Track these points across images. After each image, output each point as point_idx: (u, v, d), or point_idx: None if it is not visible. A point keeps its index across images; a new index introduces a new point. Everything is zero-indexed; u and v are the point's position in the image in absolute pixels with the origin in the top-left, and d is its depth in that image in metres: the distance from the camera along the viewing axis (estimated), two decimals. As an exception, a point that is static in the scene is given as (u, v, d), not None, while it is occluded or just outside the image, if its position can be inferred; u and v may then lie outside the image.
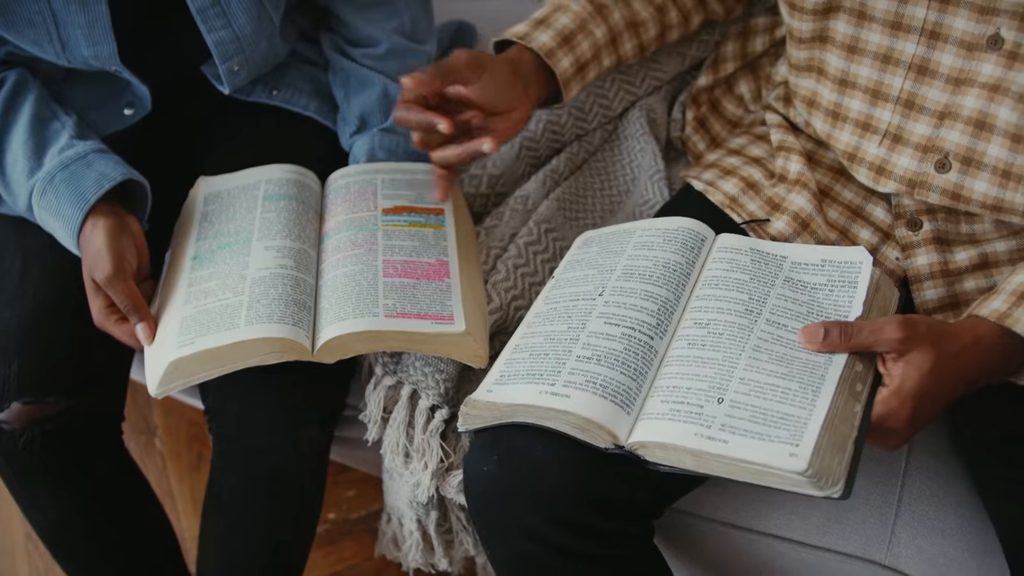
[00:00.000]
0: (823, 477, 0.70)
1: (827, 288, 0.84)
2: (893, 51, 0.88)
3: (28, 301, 0.99)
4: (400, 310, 0.91)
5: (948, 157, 0.88)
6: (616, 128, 1.23)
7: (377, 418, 1.00)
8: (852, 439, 0.73)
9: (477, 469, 0.84)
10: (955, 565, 0.89)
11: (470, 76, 0.95)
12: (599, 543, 0.82)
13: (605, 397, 0.79)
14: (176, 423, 1.62)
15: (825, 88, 0.96)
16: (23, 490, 1.02)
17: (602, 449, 0.78)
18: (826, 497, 0.71)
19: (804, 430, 0.72)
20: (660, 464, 0.77)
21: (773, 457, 0.71)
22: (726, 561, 1.00)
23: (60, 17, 0.96)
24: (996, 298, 0.81)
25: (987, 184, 0.87)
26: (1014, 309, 0.79)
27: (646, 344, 0.83)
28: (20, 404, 0.96)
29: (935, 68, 0.86)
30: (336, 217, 1.03)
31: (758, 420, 0.74)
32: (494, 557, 0.87)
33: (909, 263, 0.94)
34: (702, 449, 0.74)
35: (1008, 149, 0.85)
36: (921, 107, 0.88)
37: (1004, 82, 0.83)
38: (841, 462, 0.72)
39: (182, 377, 0.89)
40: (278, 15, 1.06)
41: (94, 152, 0.98)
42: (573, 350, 0.84)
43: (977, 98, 0.85)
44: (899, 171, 0.91)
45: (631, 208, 1.15)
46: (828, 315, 0.82)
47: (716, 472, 0.74)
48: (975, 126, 0.86)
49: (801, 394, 0.75)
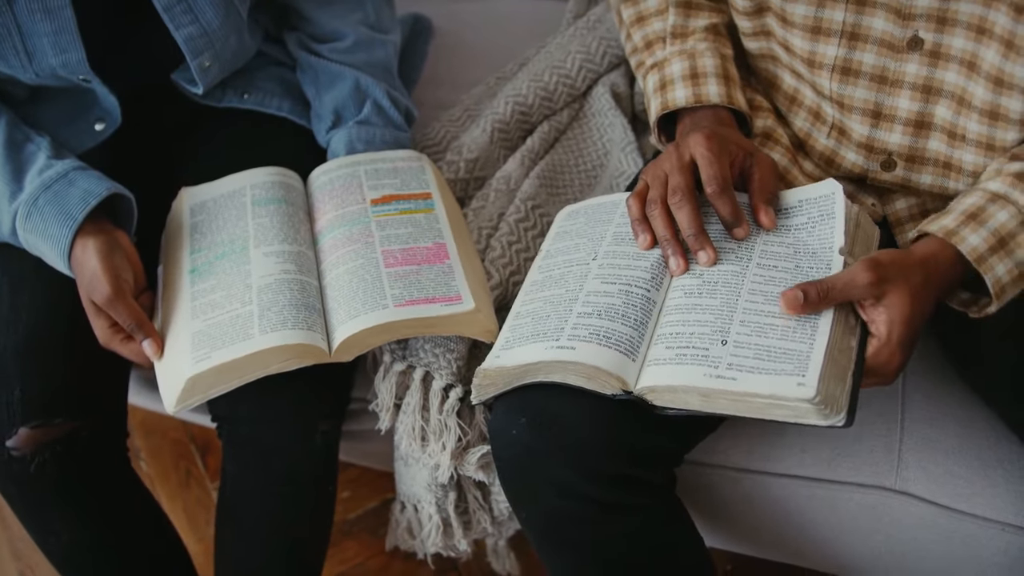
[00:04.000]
0: (828, 405, 0.74)
1: (808, 226, 0.86)
2: (815, 53, 0.92)
3: (23, 325, 0.97)
4: (408, 298, 0.92)
5: (892, 156, 0.93)
6: (582, 106, 1.26)
7: (390, 405, 1.01)
8: (851, 371, 0.77)
9: (506, 435, 0.86)
10: (961, 482, 0.94)
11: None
12: (630, 492, 0.85)
13: (609, 347, 0.82)
14: (159, 443, 1.60)
15: (784, 73, 0.99)
16: (37, 516, 1.00)
17: (610, 396, 0.81)
18: (830, 426, 0.74)
19: (808, 362, 0.75)
20: (668, 407, 0.80)
21: (781, 388, 0.74)
22: (740, 506, 1.04)
23: (25, 27, 0.94)
24: (947, 216, 0.84)
25: (931, 176, 0.93)
26: (962, 228, 0.82)
27: (644, 296, 0.86)
28: (28, 429, 0.94)
29: (857, 68, 0.90)
30: (326, 215, 1.03)
31: (763, 357, 0.77)
32: (529, 520, 0.89)
33: (888, 208, 0.99)
34: (712, 387, 0.77)
35: (946, 144, 0.90)
36: (851, 106, 0.92)
37: (934, 82, 0.88)
38: (843, 391, 0.75)
39: (200, 392, 0.89)
40: (245, 8, 1.06)
41: (75, 170, 0.96)
42: (574, 308, 0.87)
43: (911, 100, 0.89)
44: (847, 164, 0.96)
45: (608, 180, 1.18)
46: (815, 251, 0.83)
47: (723, 410, 0.77)
48: (914, 127, 0.91)
49: (800, 330, 0.78)
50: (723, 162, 0.86)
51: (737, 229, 0.86)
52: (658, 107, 1.00)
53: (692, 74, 0.99)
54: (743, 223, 0.85)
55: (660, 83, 1.01)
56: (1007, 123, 0.85)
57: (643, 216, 0.89)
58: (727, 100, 0.97)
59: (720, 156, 0.86)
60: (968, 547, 0.96)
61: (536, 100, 1.23)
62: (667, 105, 0.99)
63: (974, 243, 0.81)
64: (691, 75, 0.99)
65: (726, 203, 0.85)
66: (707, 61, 0.99)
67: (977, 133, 0.87)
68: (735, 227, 0.85)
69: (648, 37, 1.05)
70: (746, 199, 0.89)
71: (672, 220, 0.86)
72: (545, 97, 1.24)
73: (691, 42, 1.01)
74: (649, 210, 0.88)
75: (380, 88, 1.13)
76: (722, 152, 0.87)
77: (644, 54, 1.05)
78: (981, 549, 0.95)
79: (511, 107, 1.22)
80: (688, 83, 0.98)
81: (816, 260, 0.83)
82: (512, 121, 1.22)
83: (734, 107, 0.98)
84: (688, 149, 0.88)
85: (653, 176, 0.89)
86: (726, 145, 0.88)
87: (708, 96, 0.97)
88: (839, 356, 0.77)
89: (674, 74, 0.99)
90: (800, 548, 1.06)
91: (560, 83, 1.24)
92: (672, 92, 0.99)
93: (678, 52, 1.01)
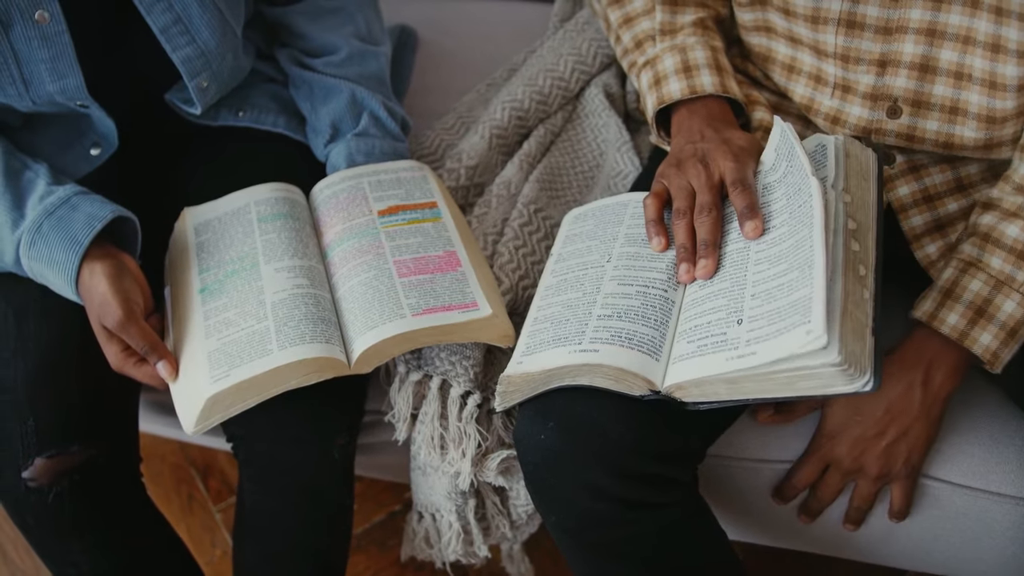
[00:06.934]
0: (851, 363, 0.70)
1: (787, 172, 0.85)
2: (819, 10, 0.93)
3: (31, 354, 0.96)
4: (425, 307, 0.92)
5: (898, 103, 0.94)
6: (576, 107, 1.27)
7: (407, 416, 1.01)
8: (870, 328, 0.74)
9: (533, 440, 0.86)
10: (974, 460, 0.96)
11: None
12: (658, 490, 0.86)
13: (632, 348, 0.82)
14: (159, 468, 1.58)
15: (779, 44, 1.01)
16: (56, 548, 0.98)
17: (638, 397, 0.81)
18: (856, 392, 0.71)
19: (811, 305, 0.72)
20: (699, 403, 0.80)
21: (793, 344, 0.71)
22: (755, 497, 1.05)
23: (22, 55, 0.93)
24: (926, 301, 0.91)
25: (937, 123, 0.94)
26: (940, 310, 0.89)
27: (662, 297, 0.86)
28: (44, 459, 0.93)
29: (862, 21, 0.91)
30: (333, 228, 1.03)
31: (775, 321, 0.75)
32: (558, 524, 0.90)
33: (892, 195, 1.01)
34: (734, 369, 0.75)
35: (952, 87, 0.92)
36: (857, 59, 0.94)
37: (937, 25, 0.89)
38: (864, 350, 0.72)
39: (220, 411, 0.89)
40: (240, 27, 1.05)
41: (77, 195, 0.95)
42: (593, 311, 0.87)
43: (915, 44, 0.91)
44: (852, 120, 0.97)
45: (605, 180, 1.19)
46: (799, 187, 0.82)
47: (752, 394, 0.77)
48: (919, 70, 0.92)
49: (800, 278, 0.75)
50: (748, 171, 0.88)
51: (749, 223, 0.85)
52: (654, 103, 1.01)
53: (684, 67, 1.00)
54: (757, 217, 0.85)
55: (654, 79, 1.02)
56: (1006, 55, 0.86)
57: (659, 218, 0.90)
58: (721, 89, 0.99)
59: (747, 167, 0.88)
60: (983, 523, 0.98)
61: (532, 104, 1.24)
62: (663, 100, 1.00)
63: (953, 322, 0.88)
64: (684, 68, 1.00)
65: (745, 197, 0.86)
66: (698, 54, 1.00)
67: (981, 70, 0.89)
68: (749, 220, 0.85)
69: (637, 37, 1.06)
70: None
71: (694, 232, 0.87)
72: (540, 101, 1.25)
73: (680, 37, 1.02)
74: (675, 218, 0.89)
75: (376, 99, 1.13)
76: (747, 166, 0.89)
77: (635, 53, 1.06)
78: (996, 524, 0.97)
79: (508, 112, 1.23)
80: (681, 76, 1.00)
81: (801, 195, 0.81)
82: (510, 126, 1.23)
83: (728, 95, 0.99)
84: (717, 168, 0.89)
85: (678, 187, 0.90)
86: (749, 162, 0.90)
87: (703, 87, 0.99)
88: (855, 310, 0.74)
89: (667, 69, 1.01)
90: (816, 535, 1.08)
91: (554, 86, 1.25)
92: (667, 86, 1.00)
93: (668, 47, 1.02)
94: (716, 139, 0.93)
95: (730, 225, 0.87)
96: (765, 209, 0.85)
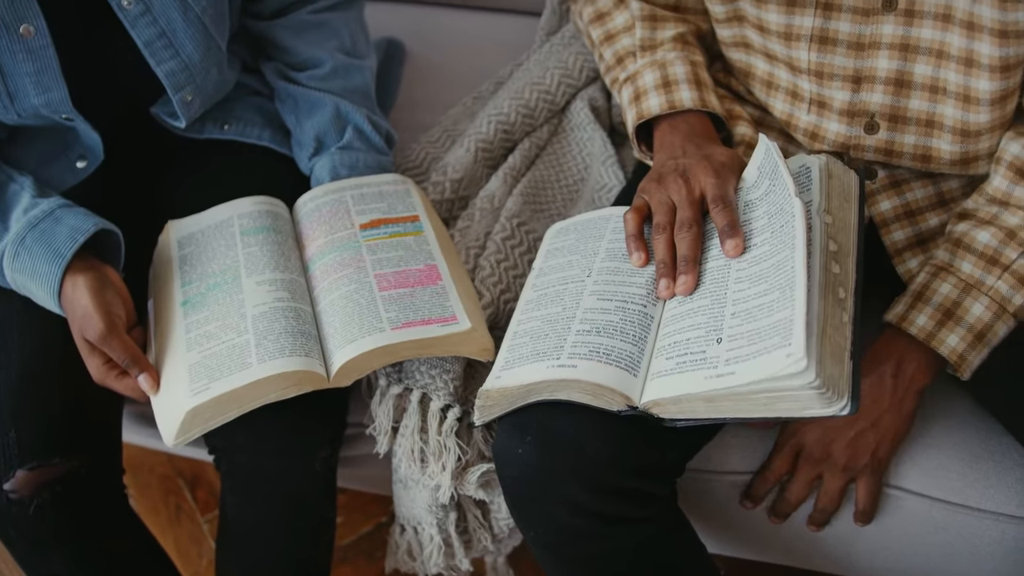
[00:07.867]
0: (829, 387, 0.70)
1: (769, 190, 0.85)
2: (792, 27, 0.94)
3: (13, 366, 0.97)
4: (405, 320, 0.93)
5: (875, 118, 0.95)
6: (561, 121, 1.28)
7: (387, 429, 1.01)
8: (848, 351, 0.74)
9: (511, 454, 0.86)
10: (954, 475, 0.96)
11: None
12: (636, 505, 0.86)
13: (610, 363, 0.83)
14: (147, 479, 1.59)
15: (758, 60, 1.02)
16: (38, 559, 0.99)
17: (615, 412, 0.82)
18: (834, 415, 0.72)
19: (792, 327, 0.72)
20: (676, 419, 0.80)
21: (773, 366, 0.71)
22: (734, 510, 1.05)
23: (7, 68, 0.93)
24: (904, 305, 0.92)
25: (915, 136, 0.95)
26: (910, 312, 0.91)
27: (641, 312, 0.87)
28: (25, 471, 0.93)
29: (834, 37, 0.92)
30: (316, 241, 1.03)
31: (755, 341, 0.74)
32: (537, 539, 0.90)
33: (874, 209, 1.01)
34: (713, 388, 0.75)
35: (928, 100, 0.92)
36: (831, 75, 0.94)
37: (910, 40, 0.90)
38: (842, 373, 0.72)
39: (200, 424, 0.89)
40: (224, 41, 1.06)
41: (61, 207, 0.96)
42: (572, 326, 0.87)
43: (890, 59, 0.91)
44: (831, 136, 0.98)
45: (589, 194, 1.19)
46: (781, 207, 0.81)
47: (730, 413, 0.76)
48: (895, 85, 0.93)
49: (781, 299, 0.75)
50: (730, 187, 0.89)
51: (730, 240, 0.85)
52: (634, 118, 1.02)
53: (664, 83, 1.01)
54: (738, 235, 0.85)
55: (634, 95, 1.03)
56: (979, 69, 0.87)
57: (639, 233, 0.91)
58: (700, 104, 1.00)
59: (728, 183, 0.89)
60: (963, 538, 0.98)
61: (518, 118, 1.24)
62: (642, 115, 1.01)
63: (921, 323, 0.89)
64: (663, 83, 1.01)
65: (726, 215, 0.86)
66: (678, 69, 1.01)
67: (956, 84, 0.90)
68: (730, 238, 0.84)
69: (619, 53, 1.07)
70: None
71: (673, 247, 0.88)
72: (527, 115, 1.25)
73: (660, 53, 1.03)
74: (655, 233, 0.89)
75: (360, 113, 1.13)
76: (728, 182, 0.89)
77: (617, 70, 1.07)
78: (976, 540, 0.97)
79: (494, 126, 1.23)
80: (661, 91, 1.00)
81: (784, 215, 0.81)
82: (495, 140, 1.23)
83: (709, 110, 1.00)
84: (698, 184, 0.89)
85: (659, 202, 0.90)
86: (730, 178, 0.90)
87: (681, 102, 0.99)
88: (834, 333, 0.74)
89: (647, 84, 1.01)
90: (795, 548, 1.08)
91: (540, 99, 1.26)
92: (646, 102, 1.01)
93: (648, 63, 1.03)
94: (697, 155, 0.93)
95: (711, 242, 0.87)
96: (746, 227, 0.85)
